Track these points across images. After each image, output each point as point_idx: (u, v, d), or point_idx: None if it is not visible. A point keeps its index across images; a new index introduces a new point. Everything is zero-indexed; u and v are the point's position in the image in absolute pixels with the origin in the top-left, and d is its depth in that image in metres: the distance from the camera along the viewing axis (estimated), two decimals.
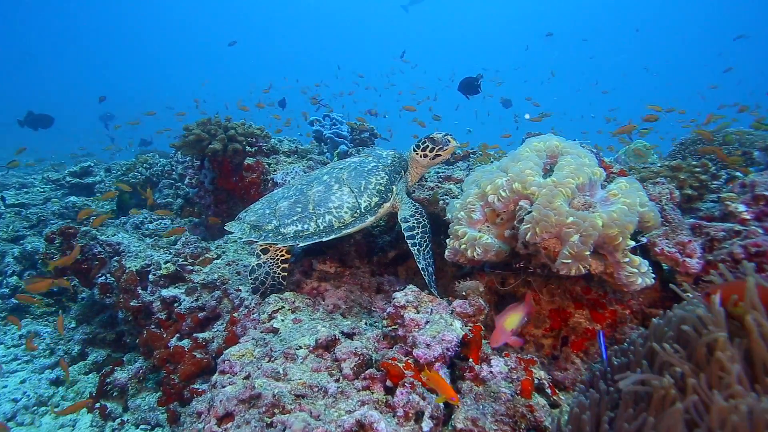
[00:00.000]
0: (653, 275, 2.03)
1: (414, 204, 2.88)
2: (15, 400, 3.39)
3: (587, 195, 2.18)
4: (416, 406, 1.70)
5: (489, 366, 1.89)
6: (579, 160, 2.23)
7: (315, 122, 6.01)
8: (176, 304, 3.25)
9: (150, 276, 3.48)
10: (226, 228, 3.01)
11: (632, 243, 1.99)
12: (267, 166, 4.61)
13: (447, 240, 2.46)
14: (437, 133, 2.96)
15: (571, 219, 1.96)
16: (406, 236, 2.71)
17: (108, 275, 3.72)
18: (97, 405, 3.24)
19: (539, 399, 1.80)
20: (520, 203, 2.20)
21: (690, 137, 4.36)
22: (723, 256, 2.14)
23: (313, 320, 2.50)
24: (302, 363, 2.02)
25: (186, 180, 5.13)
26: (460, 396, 1.81)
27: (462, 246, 2.31)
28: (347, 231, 2.72)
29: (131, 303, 3.40)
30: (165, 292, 3.32)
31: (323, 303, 2.78)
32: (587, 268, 2.01)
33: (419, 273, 2.68)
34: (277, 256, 2.84)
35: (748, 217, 2.35)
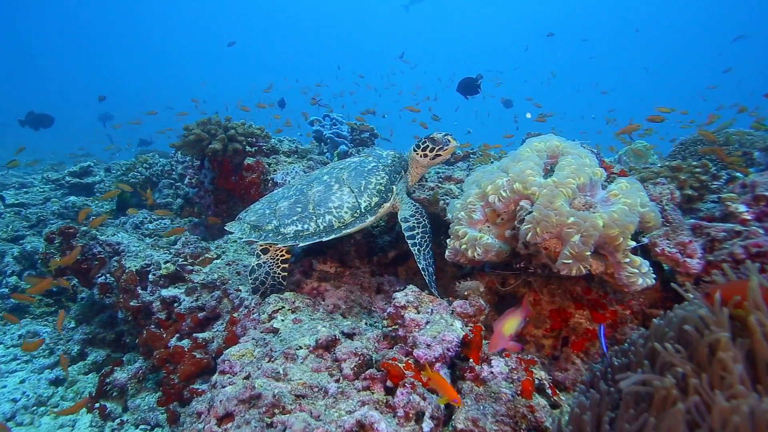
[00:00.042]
0: (654, 275, 2.03)
1: (414, 204, 2.88)
2: (14, 400, 3.39)
3: (588, 195, 2.18)
4: (417, 407, 1.70)
5: (489, 366, 1.89)
6: (580, 161, 2.23)
7: (315, 122, 6.01)
8: (176, 304, 3.24)
9: (150, 276, 3.48)
10: (227, 228, 3.01)
11: (633, 243, 1.99)
12: (267, 166, 4.61)
13: (447, 240, 2.46)
14: (437, 133, 2.95)
15: (572, 219, 1.96)
16: (407, 236, 2.71)
17: (108, 275, 3.72)
18: (97, 405, 3.24)
19: (540, 399, 1.80)
20: (521, 203, 2.20)
21: (690, 137, 4.35)
22: (724, 257, 2.14)
23: (313, 320, 2.50)
24: (302, 363, 2.02)
25: (186, 180, 5.12)
26: (461, 396, 1.81)
27: (462, 246, 2.31)
28: (347, 231, 2.72)
29: (131, 303, 3.39)
30: (165, 292, 3.31)
31: (323, 303, 2.78)
32: (588, 269, 2.00)
33: (419, 273, 2.67)
34: (277, 256, 2.83)
35: (749, 218, 2.35)
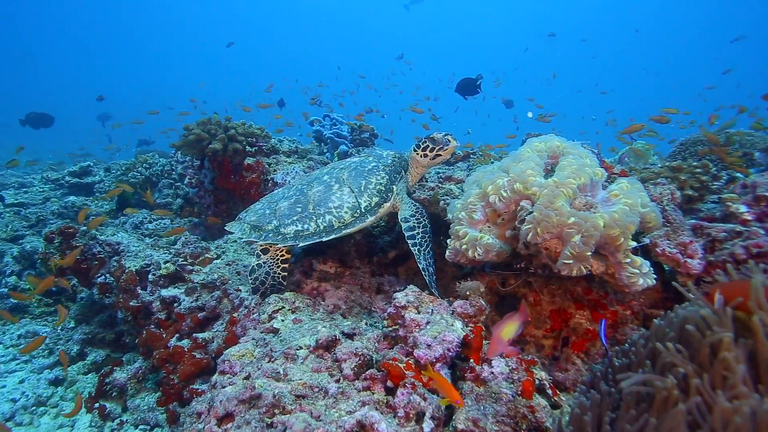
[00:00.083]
0: (654, 276, 2.03)
1: (414, 204, 2.88)
2: (14, 400, 3.38)
3: (589, 195, 2.17)
4: (417, 407, 1.69)
5: (490, 367, 1.88)
6: (580, 161, 2.23)
7: (315, 122, 6.00)
8: (176, 304, 3.24)
9: (149, 276, 3.47)
10: (227, 228, 3.00)
11: (634, 243, 1.98)
12: (267, 166, 4.61)
13: (448, 240, 2.45)
14: (437, 133, 2.95)
15: (573, 219, 1.95)
16: (407, 236, 2.71)
17: (107, 275, 3.71)
18: (97, 405, 3.23)
19: (540, 400, 1.80)
20: (522, 203, 2.20)
21: (691, 138, 4.35)
22: (724, 257, 2.13)
23: (314, 320, 2.49)
24: (302, 363, 2.02)
25: (186, 180, 5.12)
26: (462, 396, 1.81)
27: (463, 246, 2.30)
28: (347, 231, 2.72)
29: (131, 303, 3.39)
30: (165, 292, 3.31)
31: (323, 303, 2.78)
32: (588, 269, 2.00)
33: (419, 273, 2.67)
34: (278, 256, 2.83)
35: (750, 218, 2.34)
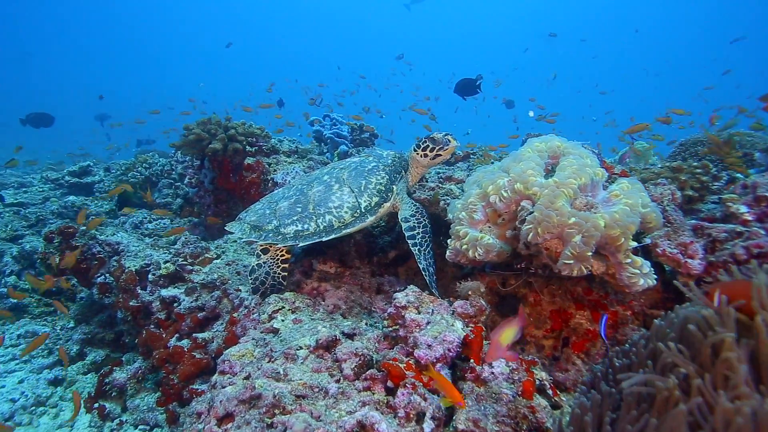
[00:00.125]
0: (655, 276, 2.03)
1: (415, 204, 2.87)
2: (13, 401, 3.38)
3: (589, 196, 2.17)
4: (417, 407, 1.69)
5: (490, 367, 1.88)
6: (581, 161, 2.23)
7: (315, 122, 6.00)
8: (176, 304, 3.23)
9: (149, 276, 3.47)
10: (227, 228, 3.00)
11: (634, 244, 1.98)
12: (267, 166, 4.61)
13: (448, 240, 2.45)
14: (438, 133, 2.95)
15: (573, 219, 1.95)
16: (407, 236, 2.71)
17: (107, 275, 3.71)
18: (96, 405, 3.23)
19: (541, 400, 1.79)
20: (522, 204, 2.20)
21: (691, 138, 4.35)
22: (725, 258, 2.13)
23: (314, 320, 2.49)
24: (303, 363, 2.02)
25: (186, 180, 5.11)
26: (462, 397, 1.80)
27: (463, 246, 2.30)
28: (347, 231, 2.72)
29: (130, 303, 3.38)
30: (164, 292, 3.31)
31: (323, 303, 2.77)
32: (589, 269, 2.00)
33: (419, 273, 2.67)
34: (278, 256, 2.83)
35: (750, 219, 2.34)
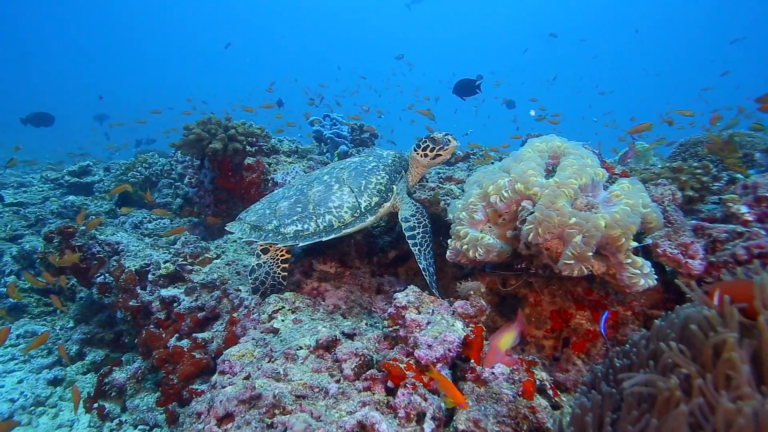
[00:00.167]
0: (655, 276, 2.03)
1: (415, 204, 2.87)
2: (12, 400, 3.37)
3: (590, 196, 2.17)
4: (418, 407, 1.69)
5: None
6: (582, 161, 2.22)
7: (315, 122, 6.00)
8: (175, 304, 3.23)
9: (149, 276, 3.47)
10: (227, 228, 3.00)
11: (635, 244, 1.98)
12: (267, 166, 4.60)
13: (448, 240, 2.45)
14: (438, 133, 2.95)
15: (574, 220, 1.95)
16: (407, 236, 2.70)
17: (107, 275, 3.71)
18: (95, 405, 3.22)
19: (541, 400, 1.79)
20: (523, 204, 2.20)
21: (691, 138, 4.35)
22: (726, 258, 2.13)
23: (314, 320, 2.49)
24: (303, 363, 2.01)
25: (185, 179, 5.11)
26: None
27: (464, 246, 2.30)
28: (347, 231, 2.71)
29: (130, 303, 3.38)
30: (164, 292, 3.30)
31: (323, 303, 2.77)
32: (590, 269, 2.00)
33: (420, 273, 2.66)
34: (278, 256, 2.82)
35: (751, 219, 2.34)
